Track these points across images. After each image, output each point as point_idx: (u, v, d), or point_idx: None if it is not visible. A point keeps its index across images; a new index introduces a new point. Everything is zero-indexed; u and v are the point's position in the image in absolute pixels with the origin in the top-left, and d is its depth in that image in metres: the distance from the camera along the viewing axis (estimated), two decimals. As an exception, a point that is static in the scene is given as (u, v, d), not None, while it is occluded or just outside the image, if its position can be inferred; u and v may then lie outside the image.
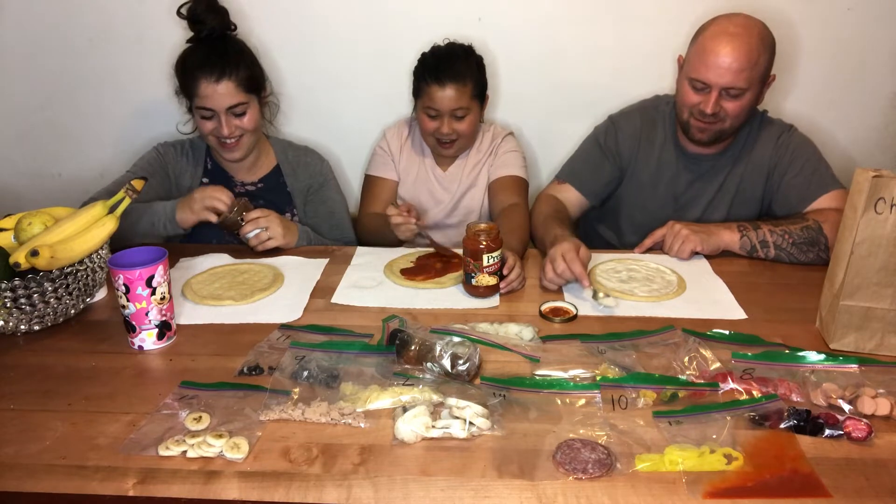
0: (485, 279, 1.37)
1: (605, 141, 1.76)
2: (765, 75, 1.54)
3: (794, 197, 1.63)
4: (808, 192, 1.62)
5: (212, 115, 1.65)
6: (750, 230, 1.54)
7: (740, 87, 1.51)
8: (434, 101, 1.72)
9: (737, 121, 1.57)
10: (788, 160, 1.64)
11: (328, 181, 1.89)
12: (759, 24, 1.53)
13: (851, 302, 1.16)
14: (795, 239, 1.51)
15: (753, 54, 1.49)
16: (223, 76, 1.61)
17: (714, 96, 1.53)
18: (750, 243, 1.53)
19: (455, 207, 1.92)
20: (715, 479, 0.89)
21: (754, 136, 1.68)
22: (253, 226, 1.60)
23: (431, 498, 0.88)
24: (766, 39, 1.52)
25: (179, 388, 1.09)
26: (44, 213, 1.33)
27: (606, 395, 1.04)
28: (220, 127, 1.65)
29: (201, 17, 1.65)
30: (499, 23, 1.98)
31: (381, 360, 1.15)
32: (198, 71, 1.61)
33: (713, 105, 1.53)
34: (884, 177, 1.09)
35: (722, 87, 1.51)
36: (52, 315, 1.28)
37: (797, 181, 1.63)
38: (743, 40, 1.49)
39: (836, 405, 1.03)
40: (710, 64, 1.51)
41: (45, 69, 2.09)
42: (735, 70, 1.49)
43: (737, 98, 1.53)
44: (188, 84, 1.64)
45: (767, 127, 1.69)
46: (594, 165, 1.77)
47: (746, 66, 1.49)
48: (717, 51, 1.50)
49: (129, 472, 0.92)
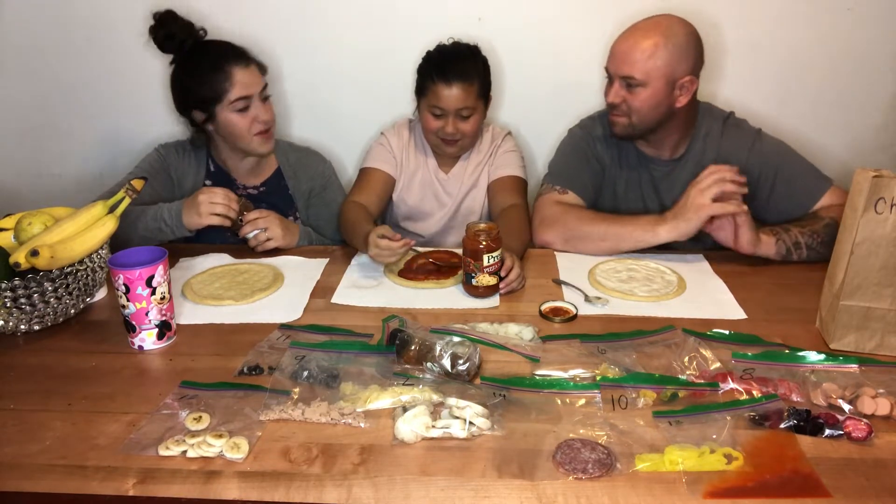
0: (485, 279, 1.37)
1: (587, 147, 1.74)
2: (669, 72, 1.52)
3: (794, 202, 1.61)
4: (806, 197, 1.60)
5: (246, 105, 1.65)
6: (782, 233, 1.52)
7: (635, 77, 1.52)
8: (440, 100, 1.71)
9: (642, 116, 1.57)
10: (773, 169, 1.61)
11: (331, 183, 1.88)
12: (675, 24, 1.53)
13: (851, 302, 1.16)
14: (823, 238, 1.50)
15: (648, 47, 1.50)
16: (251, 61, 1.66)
17: (615, 85, 1.57)
18: (785, 247, 1.52)
19: (458, 209, 1.92)
20: (715, 479, 0.89)
21: (715, 139, 1.65)
22: (252, 227, 1.60)
23: (431, 498, 0.88)
24: (675, 37, 1.51)
25: (179, 388, 1.09)
26: (44, 213, 1.33)
27: (606, 395, 1.04)
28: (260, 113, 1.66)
29: (171, 38, 1.64)
30: (499, 23, 1.98)
31: (381, 360, 1.15)
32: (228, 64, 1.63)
33: (614, 94, 1.57)
34: (884, 177, 1.09)
35: (620, 76, 1.55)
36: (52, 315, 1.28)
37: (789, 191, 1.61)
38: (642, 33, 1.52)
39: (836, 405, 1.03)
40: (611, 53, 1.57)
41: (45, 69, 2.09)
42: (628, 60, 1.52)
43: (635, 89, 1.54)
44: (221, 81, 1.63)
45: (733, 131, 1.66)
46: (586, 171, 1.73)
47: (639, 57, 1.51)
48: (618, 41, 1.56)
49: (129, 472, 0.92)
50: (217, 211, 1.54)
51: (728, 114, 1.70)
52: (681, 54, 1.52)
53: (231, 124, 1.66)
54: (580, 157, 1.74)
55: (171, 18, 1.63)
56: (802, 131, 2.00)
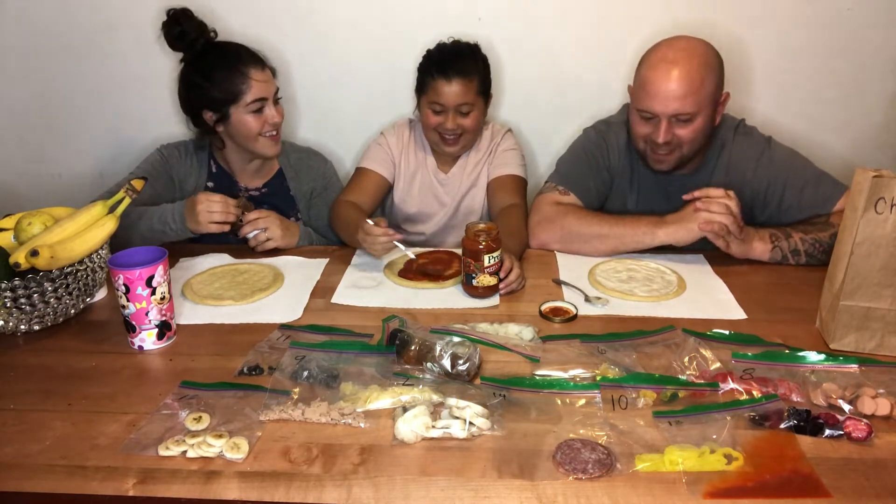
0: (485, 279, 1.37)
1: (599, 154, 1.72)
2: (714, 96, 1.51)
3: (805, 212, 1.59)
4: (819, 203, 1.58)
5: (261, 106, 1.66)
6: (782, 240, 1.52)
7: (688, 112, 1.48)
8: (440, 96, 1.71)
9: (694, 144, 1.54)
10: (783, 180, 1.60)
11: (332, 183, 1.88)
12: (702, 46, 1.50)
13: (851, 302, 1.16)
14: (825, 247, 1.49)
15: (696, 78, 1.46)
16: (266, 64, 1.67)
17: (664, 125, 1.50)
18: (781, 253, 1.52)
19: (457, 209, 1.91)
20: (715, 479, 0.89)
21: (728, 149, 1.64)
22: (252, 227, 1.60)
23: (431, 498, 0.88)
24: (710, 60, 1.49)
25: (179, 388, 1.09)
26: (44, 213, 1.33)
27: (606, 395, 1.04)
28: (273, 115, 1.68)
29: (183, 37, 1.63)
30: (499, 22, 1.98)
31: (381, 360, 1.15)
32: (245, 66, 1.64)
33: (664, 134, 1.50)
34: (884, 177, 1.09)
35: (669, 115, 1.49)
36: (52, 315, 1.28)
37: (799, 201, 1.59)
38: (683, 66, 1.46)
39: (836, 405, 1.03)
40: (653, 94, 1.48)
41: (45, 69, 2.08)
42: (679, 97, 1.46)
43: (687, 123, 1.50)
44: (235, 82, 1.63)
45: (743, 140, 1.64)
46: (594, 177, 1.72)
47: (689, 91, 1.45)
48: (659, 80, 1.47)
49: (129, 472, 0.92)
50: (215, 219, 1.54)
51: (739, 121, 1.68)
52: (717, 75, 1.51)
53: (243, 125, 1.66)
54: (590, 161, 1.72)
55: (186, 16, 1.64)
56: (802, 131, 2.00)
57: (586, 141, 1.76)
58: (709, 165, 1.65)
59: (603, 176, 1.72)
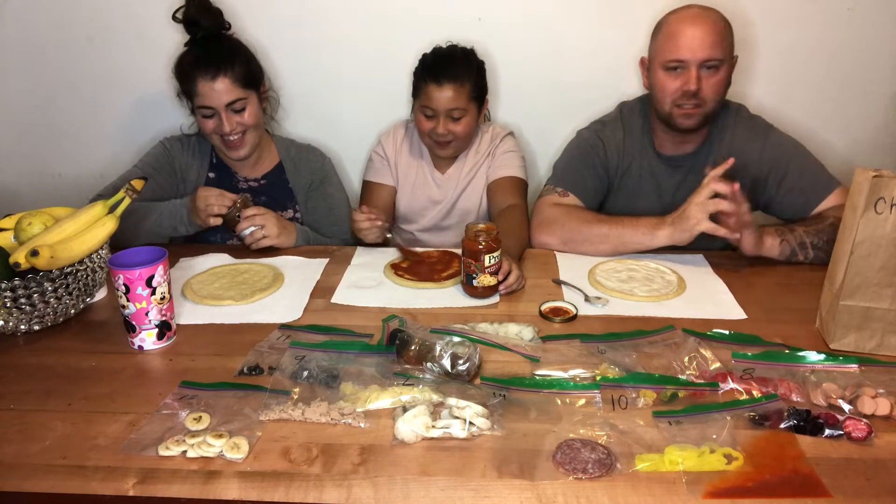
0: (485, 280, 1.37)
1: (595, 152, 1.72)
2: (732, 50, 1.57)
3: (800, 200, 1.61)
4: (814, 194, 1.60)
5: (212, 113, 1.66)
6: (787, 234, 1.53)
7: (717, 57, 1.53)
8: (431, 101, 1.72)
9: (716, 100, 1.57)
10: (784, 166, 1.62)
11: (329, 177, 1.89)
12: (716, 10, 1.57)
13: (851, 302, 1.16)
14: (829, 236, 1.49)
15: (721, 28, 1.54)
16: (219, 73, 1.62)
17: (694, 72, 1.54)
18: (790, 247, 1.52)
19: (452, 209, 1.92)
20: (715, 479, 0.89)
21: (730, 131, 1.66)
22: (248, 223, 1.61)
23: (431, 498, 0.88)
24: (726, 20, 1.56)
25: (179, 388, 1.09)
26: (44, 213, 1.33)
27: (606, 395, 1.04)
28: (222, 124, 1.66)
29: (196, 20, 1.66)
30: (499, 23, 1.98)
31: (381, 360, 1.15)
32: (195, 71, 1.63)
33: (695, 81, 1.54)
34: (884, 177, 1.09)
35: (700, 60, 1.53)
36: (52, 315, 1.28)
37: (800, 185, 1.61)
38: (708, 17, 1.54)
39: (836, 405, 1.03)
40: (683, 44, 1.53)
41: (45, 69, 2.08)
42: (709, 43, 1.51)
43: (714, 72, 1.54)
44: (187, 85, 1.65)
45: (745, 123, 1.67)
46: (591, 175, 1.73)
47: (717, 38, 1.52)
48: (687, 30, 1.53)
49: (129, 472, 0.92)
50: (213, 212, 1.59)
51: (738, 105, 1.70)
52: (732, 34, 1.57)
53: (200, 124, 1.72)
54: (585, 161, 1.73)
55: (203, 4, 1.68)
56: (802, 130, 1.99)
57: (581, 141, 1.77)
58: (711, 146, 1.67)
59: (600, 173, 1.73)
